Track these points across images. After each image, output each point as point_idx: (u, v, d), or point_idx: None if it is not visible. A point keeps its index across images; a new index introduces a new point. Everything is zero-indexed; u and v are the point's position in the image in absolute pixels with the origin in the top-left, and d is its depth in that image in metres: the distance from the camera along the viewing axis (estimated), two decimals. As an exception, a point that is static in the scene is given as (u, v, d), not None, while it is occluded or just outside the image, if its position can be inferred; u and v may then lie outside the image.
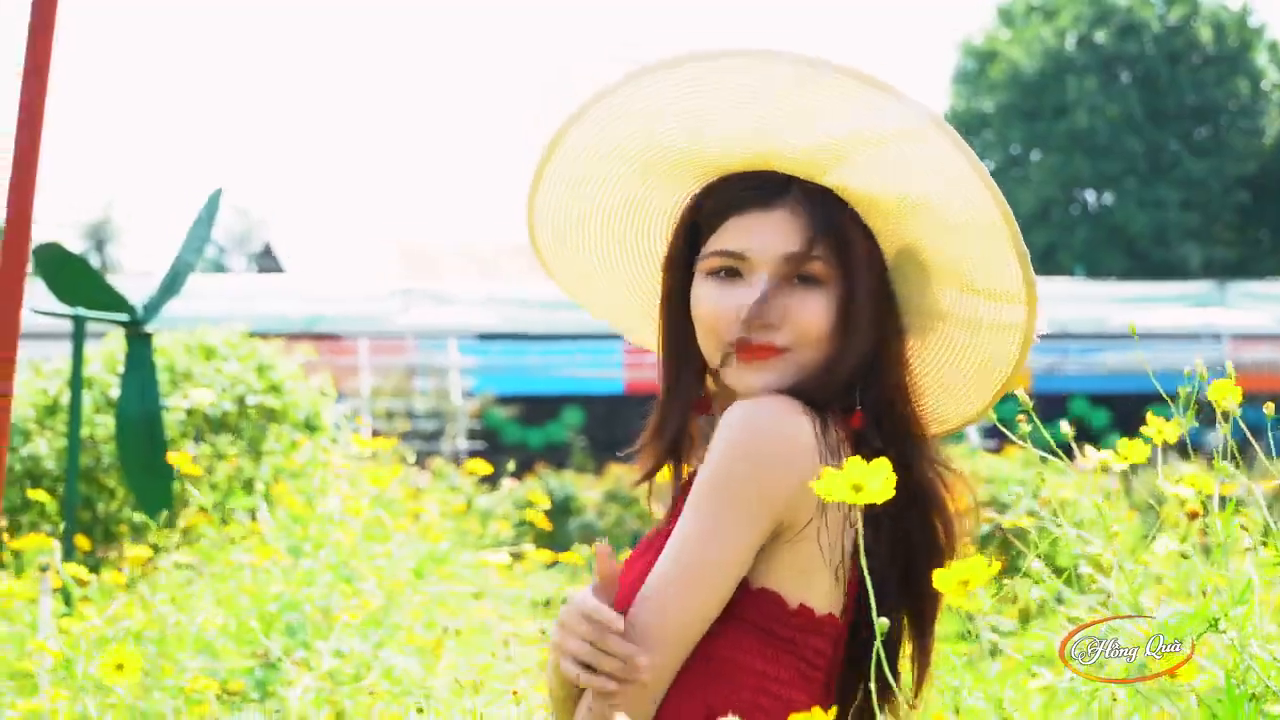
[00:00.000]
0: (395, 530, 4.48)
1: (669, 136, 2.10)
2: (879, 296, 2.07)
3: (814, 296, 2.02)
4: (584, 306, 2.41)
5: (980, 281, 2.05)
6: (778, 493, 1.89)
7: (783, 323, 2.01)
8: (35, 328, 4.77)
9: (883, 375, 2.05)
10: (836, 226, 2.04)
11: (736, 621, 1.91)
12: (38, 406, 5.96)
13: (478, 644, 4.02)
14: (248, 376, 6.00)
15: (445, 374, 16.69)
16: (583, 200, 2.21)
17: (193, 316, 8.01)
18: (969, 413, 2.21)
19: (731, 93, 2.02)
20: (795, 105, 2.00)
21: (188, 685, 3.48)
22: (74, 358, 4.88)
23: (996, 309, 2.06)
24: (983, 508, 6.06)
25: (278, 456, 5.76)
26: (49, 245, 4.75)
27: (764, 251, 2.03)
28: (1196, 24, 34.86)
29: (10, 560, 4.77)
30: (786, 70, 1.97)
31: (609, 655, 1.85)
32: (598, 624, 1.85)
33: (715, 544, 1.89)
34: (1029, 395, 2.47)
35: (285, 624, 3.82)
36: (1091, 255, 34.05)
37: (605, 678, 1.85)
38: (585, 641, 1.86)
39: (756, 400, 1.96)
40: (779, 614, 1.93)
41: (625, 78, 2.07)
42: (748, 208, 2.06)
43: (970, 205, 1.98)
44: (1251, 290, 21.48)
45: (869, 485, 1.59)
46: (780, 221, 2.04)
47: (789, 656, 1.94)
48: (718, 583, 1.90)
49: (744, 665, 1.91)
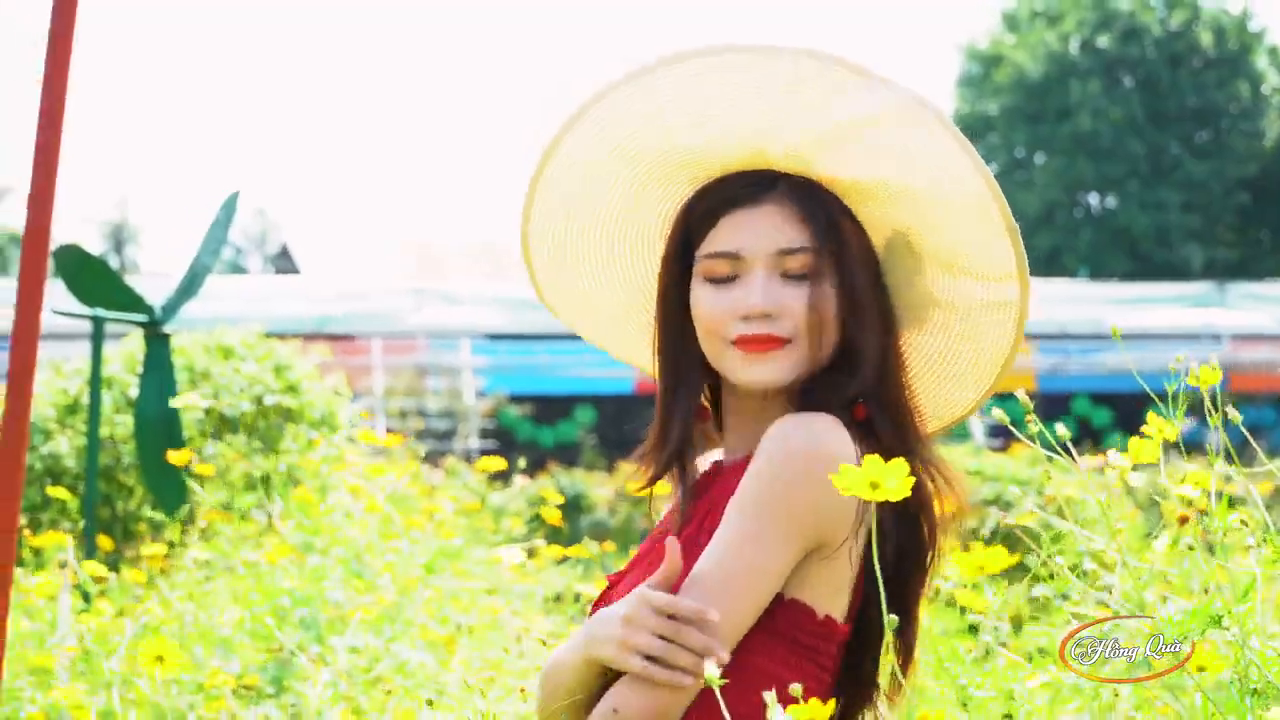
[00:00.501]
0: (410, 527, 4.48)
1: (657, 140, 2.10)
2: (875, 285, 2.08)
3: (810, 287, 2.02)
4: (576, 328, 2.38)
5: (971, 261, 2.05)
6: (821, 512, 1.90)
7: (781, 314, 2.02)
8: (55, 328, 4.80)
9: (882, 369, 2.05)
10: (827, 216, 2.05)
11: (767, 632, 1.93)
12: (58, 406, 5.97)
13: (491, 640, 4.02)
14: (265, 376, 6.01)
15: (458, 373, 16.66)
16: (579, 215, 2.21)
17: (210, 317, 7.98)
18: (972, 399, 2.20)
19: (711, 96, 2.03)
20: (778, 98, 2.01)
21: (205, 680, 3.49)
22: (93, 358, 4.89)
23: (989, 288, 2.06)
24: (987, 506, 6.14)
25: (294, 455, 5.78)
26: (69, 247, 4.77)
27: (756, 248, 2.04)
28: (1197, 28, 34.86)
29: (30, 558, 4.80)
30: (772, 64, 1.99)
31: (685, 650, 1.84)
32: (680, 617, 1.85)
33: (761, 554, 1.90)
34: (1032, 395, 2.47)
35: (300, 620, 3.82)
36: (1095, 257, 34.04)
37: (679, 672, 1.84)
38: (657, 636, 1.85)
39: (802, 417, 1.96)
40: (807, 624, 1.95)
41: (596, 96, 2.08)
42: (736, 206, 2.07)
43: (958, 182, 1.99)
44: (1251, 291, 21.45)
45: (885, 483, 1.59)
46: (769, 216, 2.05)
47: (810, 665, 1.96)
48: (760, 590, 1.91)
49: (771, 673, 1.91)
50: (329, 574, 4.00)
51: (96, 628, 3.67)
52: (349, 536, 4.24)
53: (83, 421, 5.78)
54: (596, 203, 2.20)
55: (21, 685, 3.69)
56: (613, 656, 1.89)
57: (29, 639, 3.98)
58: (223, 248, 5.02)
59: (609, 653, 1.90)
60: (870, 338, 2.05)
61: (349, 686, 3.50)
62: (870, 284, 2.07)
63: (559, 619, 4.72)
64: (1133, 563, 2.25)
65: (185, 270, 4.96)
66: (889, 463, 1.61)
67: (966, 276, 2.07)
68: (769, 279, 2.03)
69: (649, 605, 1.86)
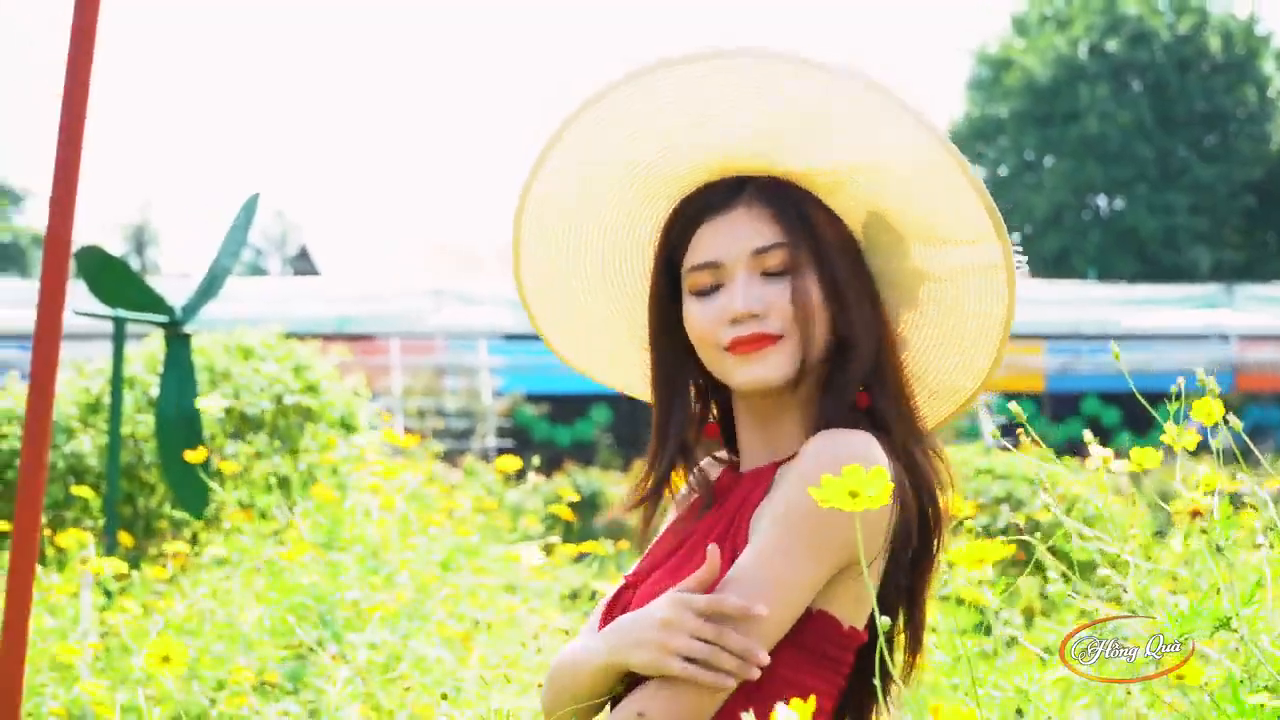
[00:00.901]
0: (428, 525, 4.49)
1: (622, 172, 2.13)
2: (858, 271, 2.09)
3: (791, 281, 2.03)
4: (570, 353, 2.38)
5: (947, 227, 2.05)
6: (854, 530, 1.86)
7: (768, 312, 2.02)
8: (77, 328, 4.81)
9: (878, 352, 2.07)
10: (797, 210, 2.06)
11: (795, 644, 1.93)
12: (80, 405, 5.98)
13: (508, 636, 4.01)
14: (285, 376, 6.02)
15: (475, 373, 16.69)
16: (566, 257, 2.23)
17: (231, 318, 8.00)
18: (984, 368, 2.18)
19: (667, 115, 2.05)
20: (726, 103, 2.02)
21: (227, 677, 3.51)
22: (115, 358, 4.88)
23: (971, 251, 2.06)
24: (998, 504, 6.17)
25: (314, 454, 5.78)
26: (90, 248, 4.76)
27: (731, 252, 2.05)
28: (1205, 33, 34.87)
29: (54, 556, 4.82)
30: (716, 69, 1.99)
31: (727, 651, 1.84)
32: (725, 614, 1.85)
33: (795, 569, 1.90)
34: (1042, 395, 2.47)
35: (319, 616, 3.81)
36: (1104, 259, 34.03)
37: (722, 674, 1.85)
38: (697, 638, 1.85)
39: (837, 434, 1.96)
40: (834, 636, 1.96)
41: (554, 136, 2.10)
42: (707, 216, 2.08)
43: (913, 151, 1.99)
44: (1258, 293, 21.48)
45: (865, 492, 1.56)
46: (740, 220, 2.06)
47: (834, 675, 1.97)
48: (793, 603, 1.90)
49: (793, 682, 1.91)
50: (348, 571, 4.01)
51: (118, 624, 3.69)
52: (368, 534, 4.25)
53: (105, 420, 5.79)
54: (583, 248, 2.23)
55: (44, 681, 3.71)
56: (648, 661, 1.88)
57: (51, 635, 3.99)
58: (243, 249, 5.00)
59: (643, 657, 1.88)
60: (861, 321, 2.06)
61: (367, 683, 3.50)
62: (852, 270, 2.08)
63: (575, 615, 4.74)
64: (1144, 565, 2.25)
65: (206, 272, 4.94)
66: (870, 471, 1.58)
67: (947, 245, 2.07)
68: (749, 280, 2.04)
69: (690, 608, 1.86)
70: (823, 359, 2.06)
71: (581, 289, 2.27)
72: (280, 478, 5.42)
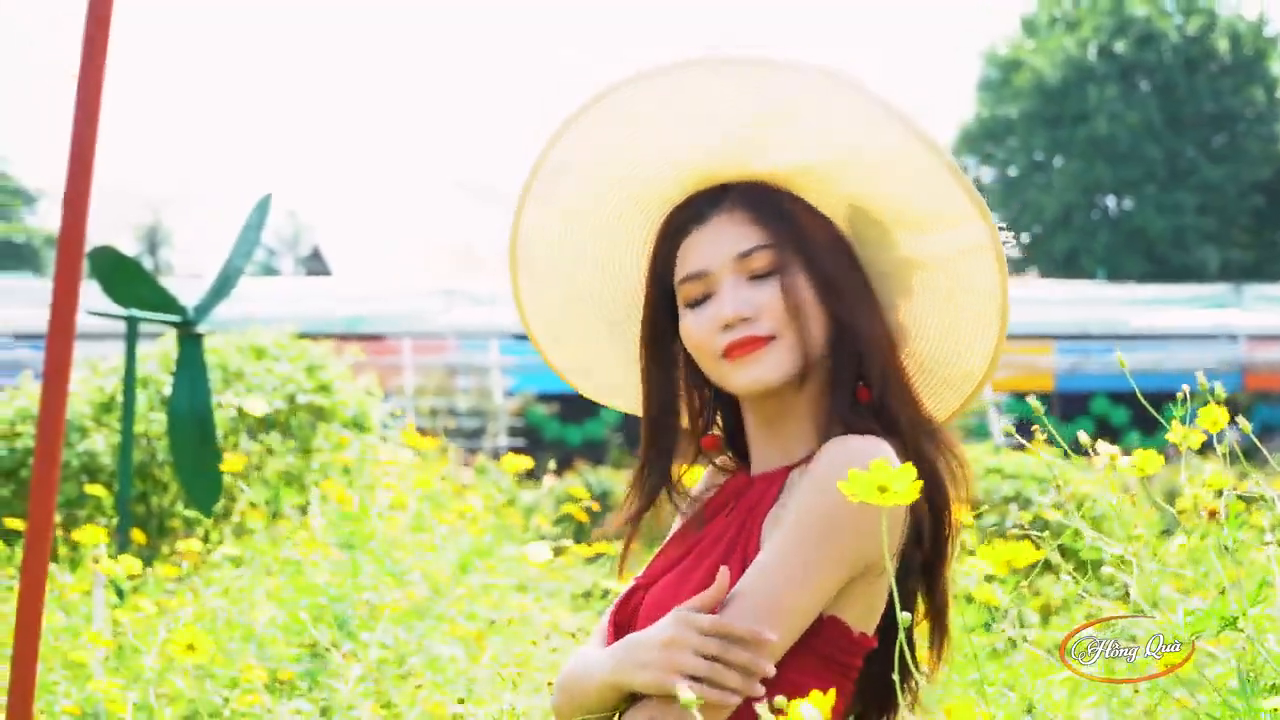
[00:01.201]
0: (441, 524, 4.49)
1: (616, 190, 2.15)
2: (846, 266, 2.09)
3: (779, 280, 2.04)
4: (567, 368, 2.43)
5: (929, 211, 2.05)
6: (870, 537, 1.90)
7: (758, 315, 2.03)
8: (91, 328, 4.83)
9: (878, 343, 2.07)
10: (777, 210, 2.07)
11: (806, 650, 1.93)
12: (94, 404, 5.99)
13: (520, 635, 3.99)
14: (298, 376, 6.04)
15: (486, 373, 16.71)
16: (559, 285, 2.26)
17: (244, 318, 8.01)
18: (988, 350, 2.17)
19: (641, 131, 2.07)
20: (699, 114, 2.04)
21: (239, 675, 3.50)
22: (127, 357, 4.89)
23: (955, 234, 2.06)
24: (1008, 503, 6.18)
25: (326, 454, 5.80)
26: (103, 248, 4.76)
27: (716, 259, 2.06)
28: (1214, 34, 34.88)
29: (66, 554, 4.83)
30: (685, 80, 2.02)
31: (732, 669, 1.84)
32: (733, 638, 1.84)
33: (809, 576, 1.90)
34: (1051, 394, 2.47)
35: (333, 615, 3.81)
36: (1112, 259, 34.04)
37: (728, 692, 1.84)
38: (703, 657, 1.84)
39: (850, 441, 1.95)
40: (844, 642, 1.96)
41: (534, 167, 2.15)
42: (692, 228, 2.10)
43: (881, 138, 1.99)
44: (1266, 293, 21.49)
45: (894, 487, 1.55)
46: (722, 227, 2.07)
47: (841, 679, 1.97)
48: (806, 610, 1.91)
49: (802, 686, 1.83)
50: (361, 570, 4.01)
51: (131, 623, 3.69)
52: (381, 533, 4.27)
53: (118, 419, 5.79)
54: (580, 270, 2.25)
55: (56, 679, 3.70)
56: (651, 681, 1.87)
57: (63, 634, 3.99)
58: (255, 250, 5.00)
59: (646, 678, 1.88)
60: (858, 312, 2.07)
61: (380, 681, 3.51)
62: (841, 264, 2.08)
63: (587, 615, 4.74)
64: (1150, 566, 2.26)
65: (218, 272, 4.95)
66: (902, 465, 1.58)
67: (932, 231, 2.07)
68: (736, 285, 2.05)
69: (693, 628, 1.85)
70: (825, 354, 2.07)
71: (583, 332, 2.31)
72: (294, 477, 5.43)
